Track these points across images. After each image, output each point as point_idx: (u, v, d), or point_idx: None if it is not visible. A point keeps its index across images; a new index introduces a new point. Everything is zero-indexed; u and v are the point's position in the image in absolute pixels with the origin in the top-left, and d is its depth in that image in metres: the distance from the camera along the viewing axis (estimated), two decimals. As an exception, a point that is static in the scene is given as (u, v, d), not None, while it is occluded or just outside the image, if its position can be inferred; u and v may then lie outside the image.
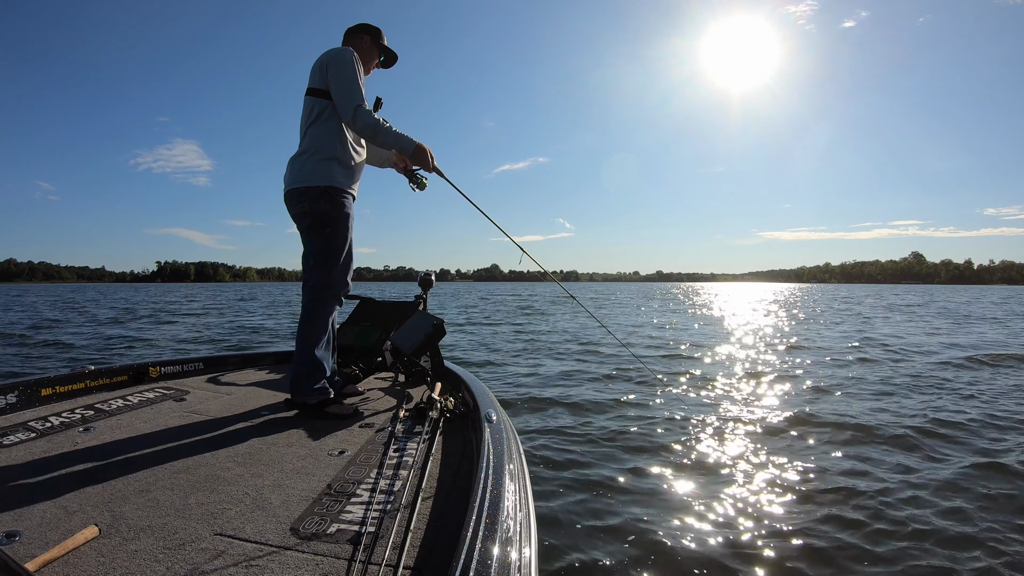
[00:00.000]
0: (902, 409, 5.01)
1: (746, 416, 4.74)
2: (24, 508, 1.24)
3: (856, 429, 4.28)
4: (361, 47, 2.44)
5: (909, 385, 6.23)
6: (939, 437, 4.12)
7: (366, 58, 2.45)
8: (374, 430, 1.93)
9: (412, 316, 2.99)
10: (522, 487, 1.28)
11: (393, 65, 2.63)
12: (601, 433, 4.17)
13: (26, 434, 1.75)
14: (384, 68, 2.62)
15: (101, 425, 1.89)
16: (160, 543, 1.10)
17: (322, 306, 2.28)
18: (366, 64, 2.45)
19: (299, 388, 2.19)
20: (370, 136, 2.27)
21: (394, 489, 1.38)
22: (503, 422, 1.64)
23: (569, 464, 3.46)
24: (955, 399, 5.44)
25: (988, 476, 3.32)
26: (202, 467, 1.53)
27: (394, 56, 2.58)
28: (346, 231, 2.32)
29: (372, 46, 2.48)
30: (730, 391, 5.87)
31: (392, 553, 1.07)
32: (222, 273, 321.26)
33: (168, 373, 2.68)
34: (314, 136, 2.27)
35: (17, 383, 2.03)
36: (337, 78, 2.22)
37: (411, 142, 2.31)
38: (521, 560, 0.96)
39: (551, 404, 5.13)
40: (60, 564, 1.01)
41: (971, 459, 3.63)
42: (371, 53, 2.48)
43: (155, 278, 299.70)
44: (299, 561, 1.05)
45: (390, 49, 2.55)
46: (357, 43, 2.45)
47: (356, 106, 2.19)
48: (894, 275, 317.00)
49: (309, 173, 2.25)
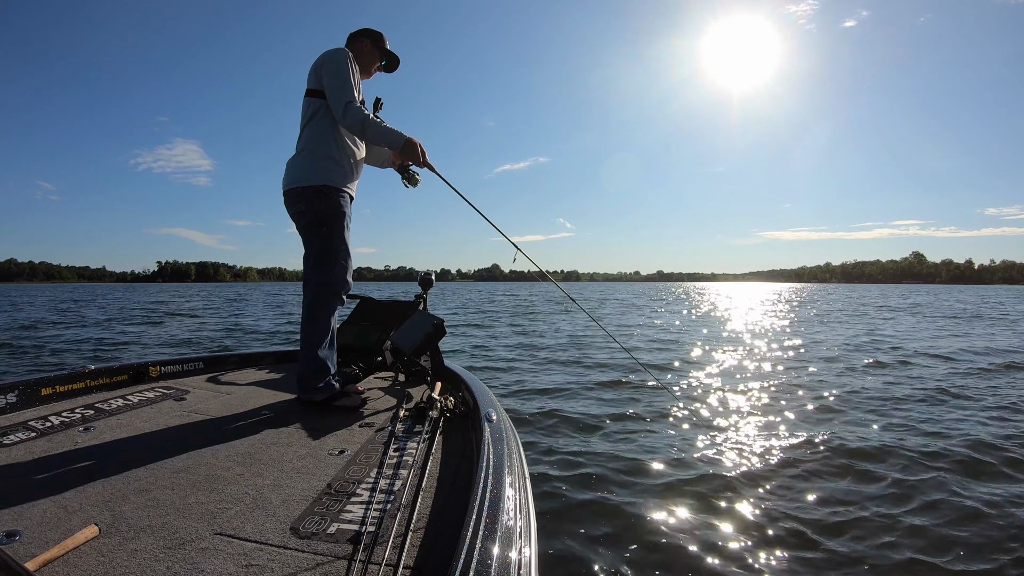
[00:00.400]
0: (944, 422, 4.89)
1: (755, 420, 4.73)
2: (24, 508, 1.24)
3: (883, 447, 3.81)
4: (362, 50, 2.46)
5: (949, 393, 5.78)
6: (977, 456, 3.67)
7: (366, 61, 2.47)
8: (374, 430, 1.93)
9: (412, 316, 2.99)
10: (522, 487, 1.28)
11: (395, 69, 2.64)
12: (602, 433, 4.17)
13: (26, 433, 1.75)
14: (386, 72, 2.63)
15: (101, 425, 1.89)
16: (160, 543, 1.10)
17: (323, 306, 2.29)
18: (366, 67, 2.47)
19: (305, 387, 2.24)
20: (359, 131, 2.27)
21: (394, 489, 1.38)
22: (503, 422, 1.64)
23: (569, 464, 3.46)
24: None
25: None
26: (202, 467, 1.53)
27: (396, 60, 2.59)
28: (342, 230, 2.32)
29: (373, 49, 2.49)
30: (740, 394, 5.81)
31: (392, 553, 1.06)
32: (223, 273, 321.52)
33: (168, 373, 2.68)
34: (309, 136, 2.29)
35: (17, 383, 2.03)
36: (329, 76, 2.24)
37: (400, 136, 2.30)
38: (521, 560, 0.96)
39: (551, 405, 5.13)
40: (60, 564, 1.01)
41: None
42: (372, 56, 2.49)
43: (156, 278, 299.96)
44: (299, 561, 1.05)
45: (392, 53, 2.56)
46: (358, 46, 2.46)
47: (346, 102, 2.20)
48: (895, 275, 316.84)
49: (304, 173, 2.27)
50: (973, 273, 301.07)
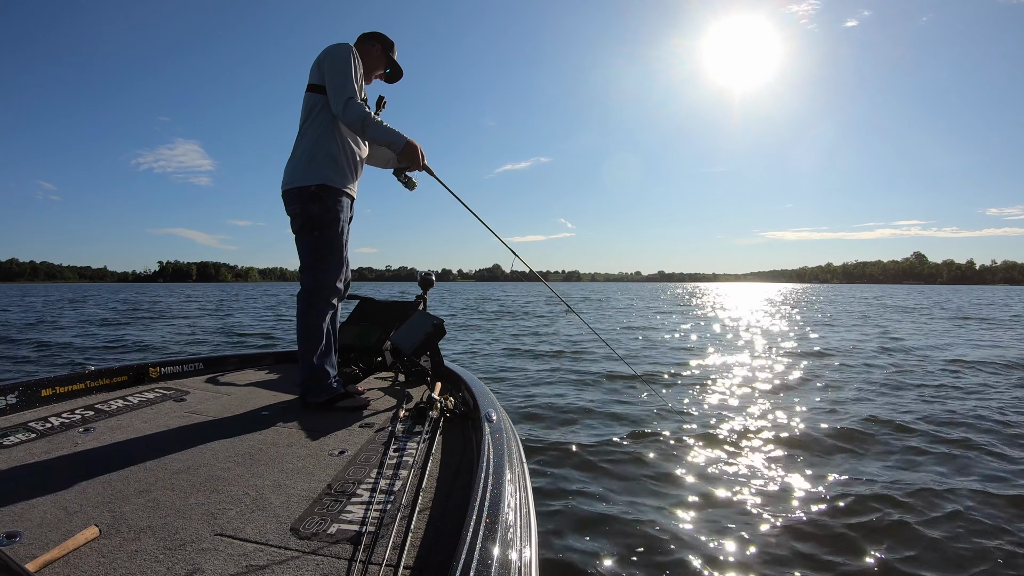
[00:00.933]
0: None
1: (761, 425, 4.72)
2: (24, 509, 1.24)
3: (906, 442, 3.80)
4: (370, 53, 2.43)
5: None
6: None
7: (371, 64, 2.44)
8: (374, 430, 1.93)
9: (412, 316, 2.99)
10: (522, 487, 1.28)
11: (396, 81, 2.61)
12: (602, 434, 4.17)
13: (26, 435, 1.75)
14: (387, 82, 2.60)
15: (101, 425, 1.89)
16: (160, 543, 1.10)
17: (314, 314, 2.28)
18: (370, 71, 2.45)
19: (308, 391, 2.26)
20: (359, 129, 2.23)
21: (394, 489, 1.38)
22: (503, 422, 1.65)
23: (569, 463, 3.47)
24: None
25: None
26: (202, 467, 1.53)
27: (400, 72, 2.57)
28: (336, 233, 2.28)
29: (381, 55, 2.47)
30: (743, 398, 5.80)
31: (392, 553, 1.07)
32: (224, 273, 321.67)
33: (168, 373, 2.68)
34: (308, 133, 2.26)
35: (17, 383, 2.03)
36: (330, 71, 2.20)
37: (401, 137, 2.26)
38: (521, 560, 0.96)
39: (551, 405, 5.13)
40: (60, 564, 1.01)
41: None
42: (378, 61, 2.47)
43: (157, 278, 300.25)
44: (299, 561, 1.05)
45: (397, 64, 2.54)
46: (367, 48, 2.43)
47: (347, 98, 2.16)
48: (896, 275, 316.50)
49: (301, 173, 2.23)
50: (974, 274, 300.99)
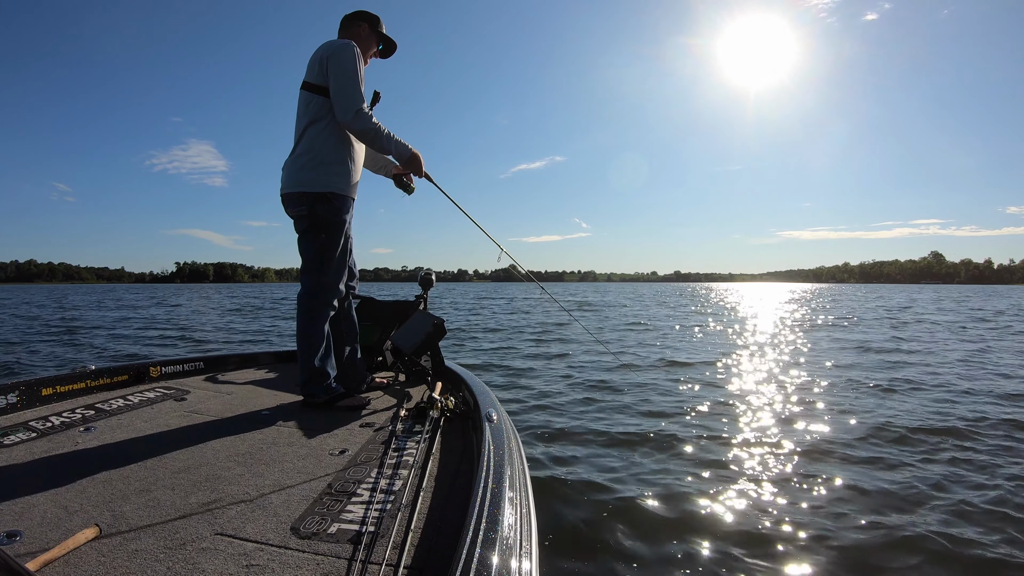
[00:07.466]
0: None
1: (764, 426, 4.72)
2: (25, 508, 1.24)
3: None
4: (359, 35, 2.34)
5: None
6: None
7: (364, 47, 2.33)
8: (374, 430, 1.93)
9: (413, 315, 2.99)
10: (523, 487, 1.28)
11: (392, 55, 2.52)
12: (603, 434, 4.16)
13: (27, 434, 1.76)
14: (382, 58, 2.52)
15: (102, 425, 1.89)
16: (160, 543, 1.10)
17: (315, 316, 2.28)
18: (364, 54, 2.32)
19: (308, 392, 2.26)
20: (369, 140, 2.23)
21: (394, 489, 1.38)
22: (504, 422, 1.64)
23: (570, 463, 3.46)
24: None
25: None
26: (202, 467, 1.53)
27: (393, 45, 2.48)
28: (342, 237, 2.30)
29: (370, 34, 2.38)
30: (753, 393, 5.83)
31: (392, 553, 1.06)
32: (240, 274, 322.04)
33: (168, 373, 2.69)
34: (313, 138, 2.22)
35: (18, 383, 2.03)
36: (337, 76, 2.13)
37: (408, 149, 2.28)
38: (521, 560, 0.96)
39: (551, 405, 5.13)
40: (61, 564, 1.01)
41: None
42: (369, 42, 2.38)
43: (174, 278, 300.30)
44: (299, 561, 1.05)
45: (389, 37, 2.45)
46: (355, 31, 2.35)
47: (356, 109, 2.13)
48: (913, 275, 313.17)
49: (309, 177, 2.22)
50: (992, 273, 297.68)
